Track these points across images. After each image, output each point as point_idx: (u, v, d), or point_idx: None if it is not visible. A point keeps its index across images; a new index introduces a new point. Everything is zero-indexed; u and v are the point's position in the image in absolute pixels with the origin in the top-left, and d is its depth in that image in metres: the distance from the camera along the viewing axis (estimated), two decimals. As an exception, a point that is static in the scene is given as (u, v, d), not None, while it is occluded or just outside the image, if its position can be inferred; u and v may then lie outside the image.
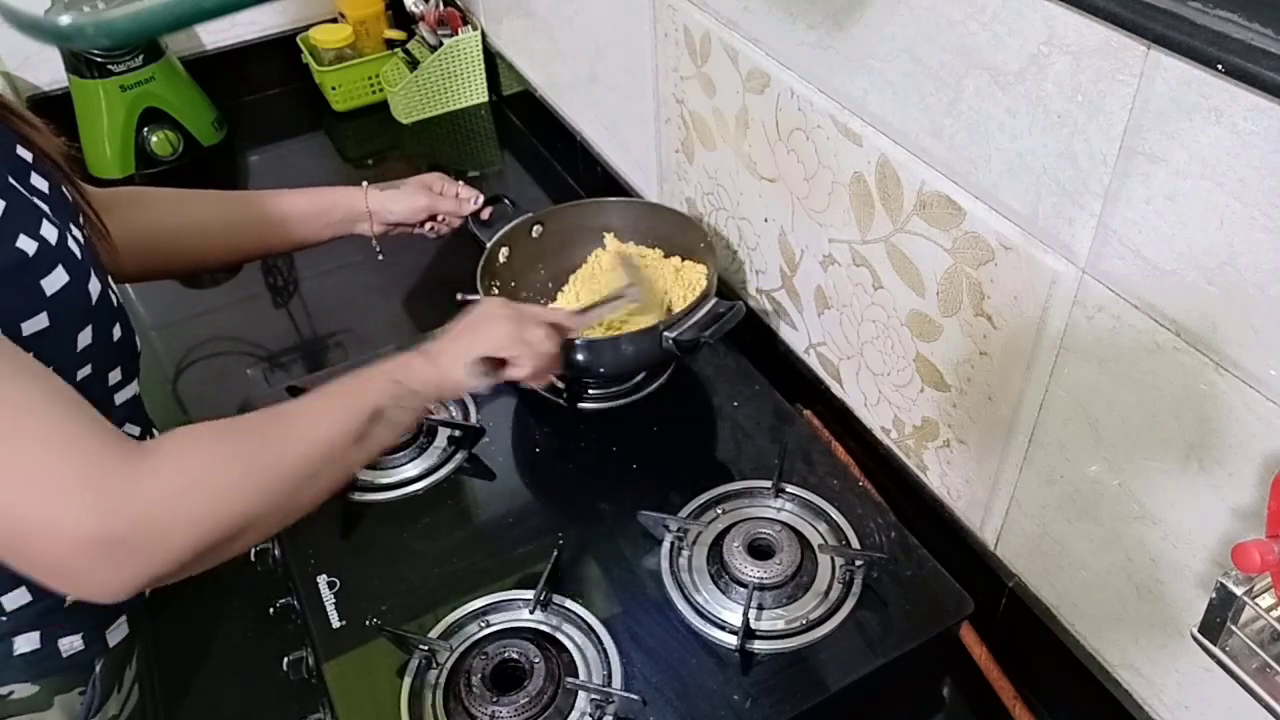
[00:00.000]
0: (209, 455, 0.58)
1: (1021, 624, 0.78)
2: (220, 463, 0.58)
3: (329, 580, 0.82)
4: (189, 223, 0.92)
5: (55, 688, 0.69)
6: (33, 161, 0.65)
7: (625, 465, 0.92)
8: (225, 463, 0.58)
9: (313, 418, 0.65)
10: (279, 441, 0.62)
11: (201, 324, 1.20)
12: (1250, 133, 0.49)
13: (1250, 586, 0.43)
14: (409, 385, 0.71)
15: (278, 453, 0.61)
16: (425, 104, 1.55)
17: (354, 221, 1.00)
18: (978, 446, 0.78)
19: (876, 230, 0.80)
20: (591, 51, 1.22)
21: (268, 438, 0.62)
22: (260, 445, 0.61)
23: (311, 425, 0.64)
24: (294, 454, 0.62)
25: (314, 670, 0.79)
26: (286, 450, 0.61)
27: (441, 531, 0.87)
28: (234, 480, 0.58)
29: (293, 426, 0.64)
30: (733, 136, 0.97)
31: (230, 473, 0.58)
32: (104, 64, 1.37)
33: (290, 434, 0.63)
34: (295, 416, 0.65)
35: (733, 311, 0.90)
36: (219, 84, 1.55)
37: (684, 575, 0.81)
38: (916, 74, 0.70)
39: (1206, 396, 0.57)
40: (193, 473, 0.56)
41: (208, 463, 0.57)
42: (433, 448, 0.94)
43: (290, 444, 0.62)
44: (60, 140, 0.70)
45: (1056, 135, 0.60)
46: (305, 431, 0.63)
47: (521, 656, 0.74)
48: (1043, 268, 0.65)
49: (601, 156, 1.31)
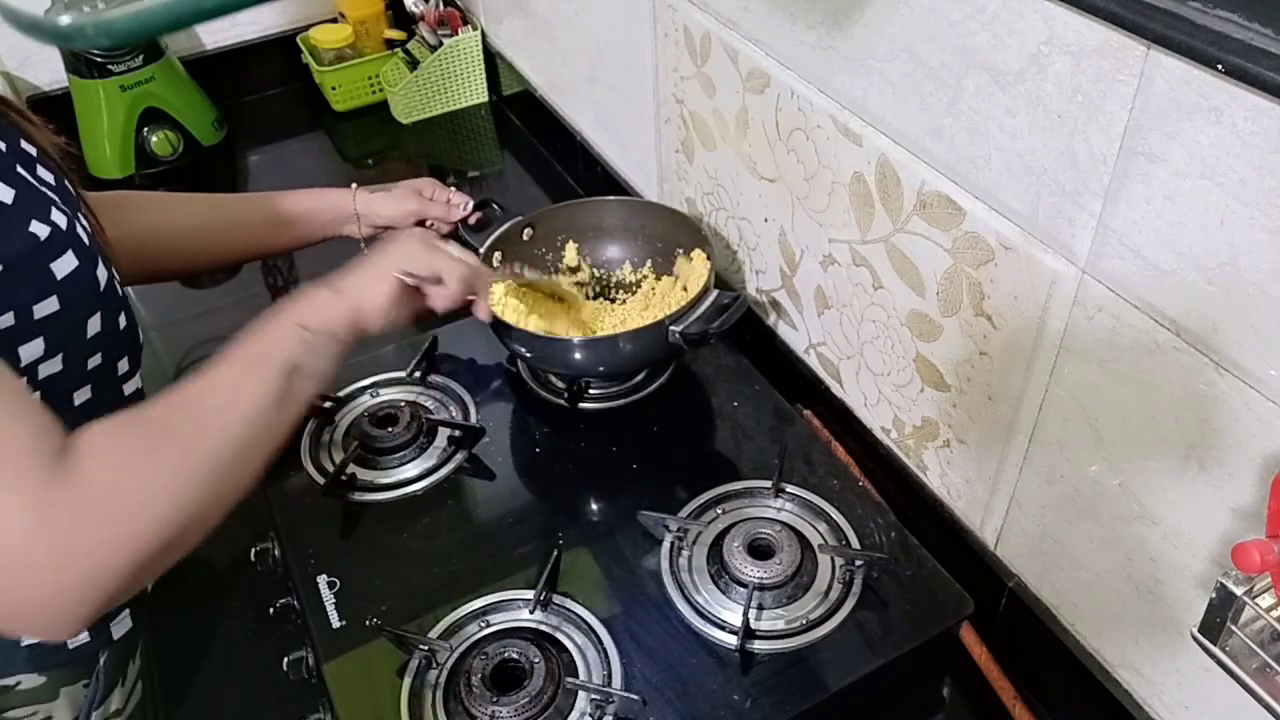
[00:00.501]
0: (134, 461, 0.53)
1: (1021, 624, 0.78)
2: (147, 466, 0.53)
3: (329, 580, 0.82)
4: (179, 226, 0.92)
5: (61, 679, 0.69)
6: (37, 155, 0.65)
7: (625, 465, 0.92)
8: (152, 465, 0.54)
9: (224, 392, 0.60)
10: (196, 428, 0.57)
11: (201, 324, 1.20)
12: (1250, 133, 0.49)
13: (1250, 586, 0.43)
14: (322, 328, 0.66)
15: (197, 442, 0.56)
16: (425, 104, 1.55)
17: (342, 223, 1.00)
18: (978, 446, 0.78)
19: (876, 230, 0.80)
20: (591, 51, 1.22)
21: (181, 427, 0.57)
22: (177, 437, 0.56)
23: (225, 401, 0.59)
24: (214, 437, 0.57)
25: (314, 670, 0.79)
26: (205, 436, 0.56)
27: (441, 531, 0.87)
28: (162, 483, 0.53)
29: (205, 408, 0.58)
30: (733, 136, 0.97)
31: (154, 477, 0.53)
32: (104, 64, 1.37)
33: (205, 417, 0.58)
34: (205, 395, 0.59)
35: (738, 303, 0.90)
36: (219, 84, 1.55)
37: (684, 575, 0.81)
38: (916, 74, 0.70)
39: (1206, 396, 0.57)
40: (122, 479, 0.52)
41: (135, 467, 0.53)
42: (433, 448, 0.94)
43: (207, 428, 0.57)
44: (60, 139, 0.70)
45: (1056, 135, 0.60)
46: (220, 409, 0.58)
47: (521, 656, 0.74)
48: (1043, 268, 0.65)
49: (601, 156, 1.31)
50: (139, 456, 0.54)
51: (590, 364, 0.94)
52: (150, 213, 0.90)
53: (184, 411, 0.58)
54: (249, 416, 0.59)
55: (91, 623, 0.52)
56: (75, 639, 0.69)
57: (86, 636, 0.69)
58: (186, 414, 0.58)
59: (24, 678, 0.67)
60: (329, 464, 0.91)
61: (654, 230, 1.07)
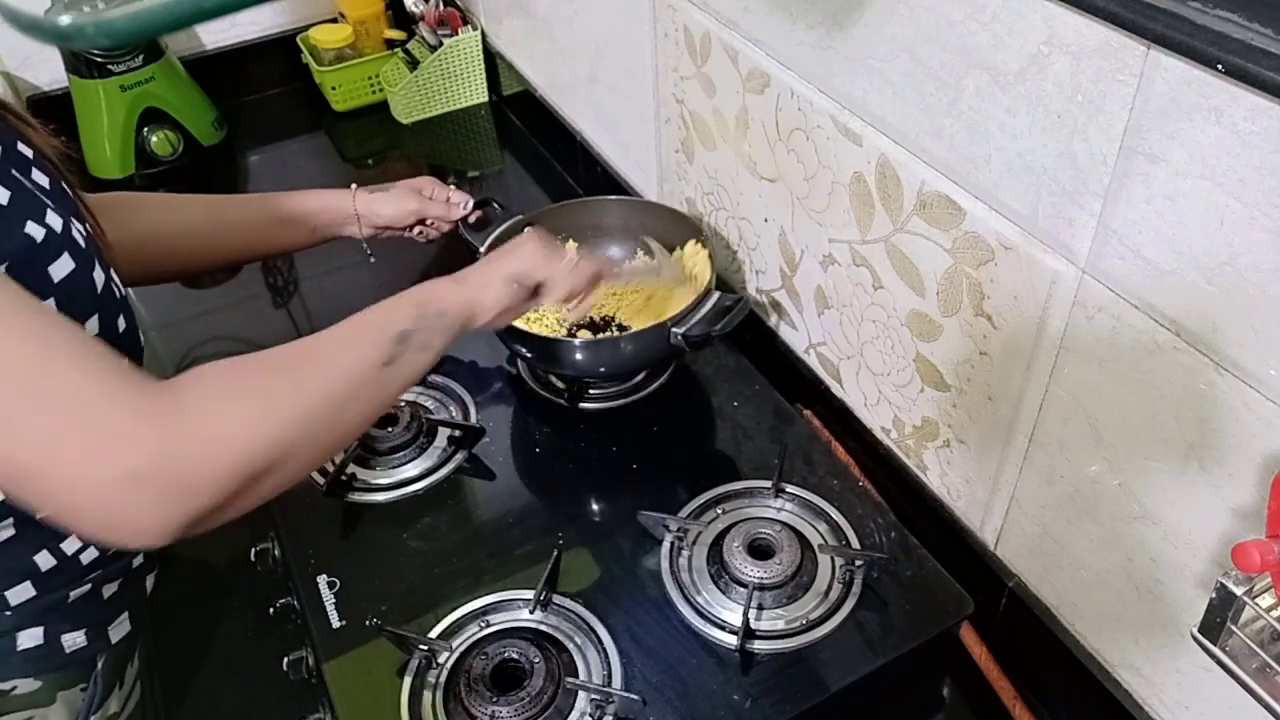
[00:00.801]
0: (238, 391, 0.57)
1: (1021, 624, 0.78)
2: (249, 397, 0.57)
3: (329, 580, 0.82)
4: (177, 227, 0.92)
5: (58, 683, 0.69)
6: (33, 158, 0.65)
7: (625, 465, 0.92)
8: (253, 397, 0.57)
9: (336, 345, 0.64)
10: (304, 370, 0.61)
11: (202, 324, 1.20)
12: (1250, 133, 0.49)
13: (1250, 587, 0.43)
14: (436, 306, 0.70)
15: (305, 384, 0.60)
16: (425, 104, 1.55)
17: (342, 224, 1.00)
18: (978, 446, 0.78)
19: (876, 230, 0.80)
20: (591, 51, 1.22)
21: (291, 368, 0.60)
22: (287, 377, 0.60)
23: (335, 352, 0.63)
24: (320, 382, 0.60)
25: (314, 670, 0.79)
26: (311, 379, 0.60)
27: (441, 531, 0.87)
28: (263, 411, 0.56)
29: (316, 355, 0.62)
30: (733, 136, 0.97)
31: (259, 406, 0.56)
32: (104, 64, 1.37)
33: (314, 363, 0.62)
34: (318, 345, 0.63)
35: (740, 305, 0.90)
36: (219, 84, 1.55)
37: (684, 575, 0.81)
38: (916, 74, 0.70)
39: (1206, 396, 0.57)
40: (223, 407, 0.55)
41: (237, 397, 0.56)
42: (433, 448, 0.94)
43: (315, 373, 0.61)
44: (58, 141, 0.70)
45: (1056, 135, 0.60)
46: (329, 359, 0.62)
47: (521, 656, 0.74)
48: (1043, 268, 0.65)
49: (601, 156, 1.31)
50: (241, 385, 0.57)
51: (592, 365, 0.94)
52: (149, 214, 0.90)
53: (293, 356, 0.62)
54: (354, 370, 0.63)
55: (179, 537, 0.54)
56: (73, 644, 0.69)
57: (84, 640, 0.69)
58: (295, 358, 0.62)
59: (20, 682, 0.67)
60: (329, 464, 0.91)
61: (654, 230, 1.07)
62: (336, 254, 1.19)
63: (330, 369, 0.62)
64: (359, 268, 1.24)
